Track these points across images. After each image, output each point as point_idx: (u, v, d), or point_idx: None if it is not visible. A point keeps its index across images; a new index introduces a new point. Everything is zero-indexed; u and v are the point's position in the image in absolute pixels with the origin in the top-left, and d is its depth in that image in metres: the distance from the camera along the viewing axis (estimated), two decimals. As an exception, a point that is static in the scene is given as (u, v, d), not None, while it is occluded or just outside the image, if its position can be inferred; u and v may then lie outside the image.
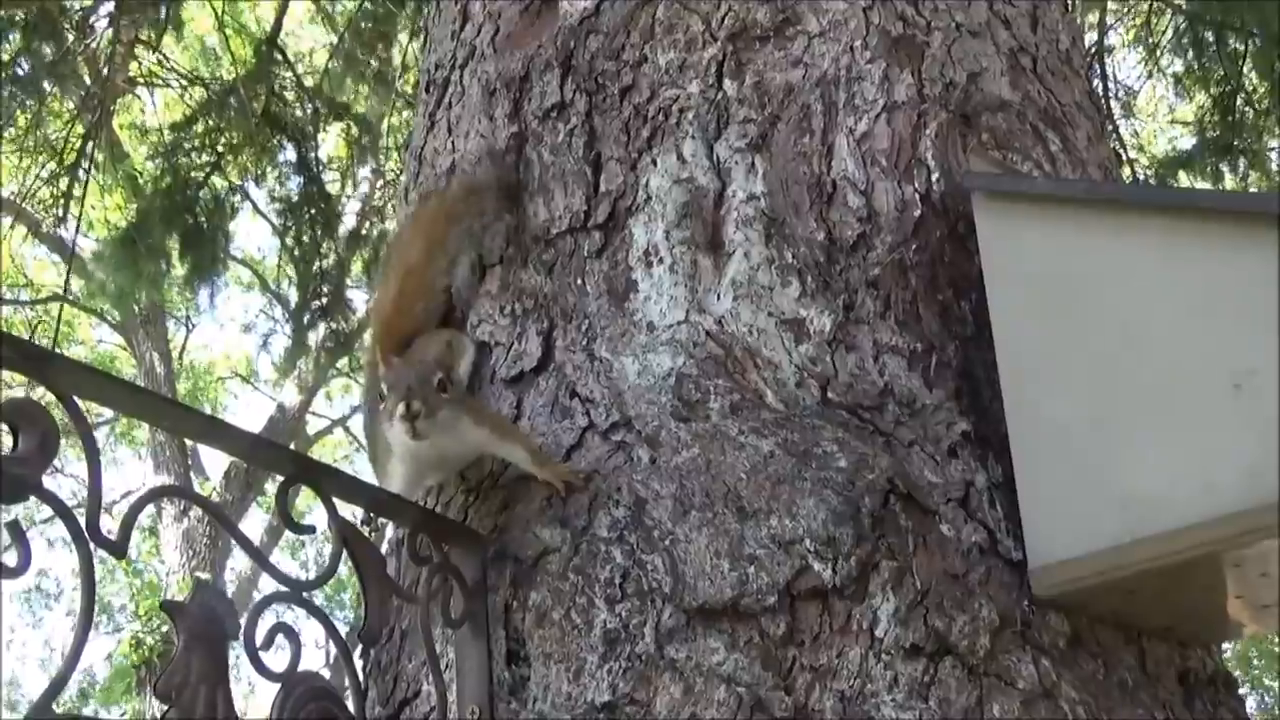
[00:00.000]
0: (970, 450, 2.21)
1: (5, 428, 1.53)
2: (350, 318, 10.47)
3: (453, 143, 2.83)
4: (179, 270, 8.76)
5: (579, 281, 2.46)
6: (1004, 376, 2.21)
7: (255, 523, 17.11)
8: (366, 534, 2.00)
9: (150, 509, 15.71)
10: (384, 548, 2.46)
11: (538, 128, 2.66)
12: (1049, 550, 2.06)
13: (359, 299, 11.06)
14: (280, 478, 1.88)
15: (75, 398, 1.60)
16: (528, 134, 2.67)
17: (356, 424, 19.55)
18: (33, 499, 1.52)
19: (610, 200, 2.51)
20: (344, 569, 1.93)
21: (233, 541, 14.94)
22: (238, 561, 16.45)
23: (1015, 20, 2.79)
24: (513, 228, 2.57)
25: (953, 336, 2.35)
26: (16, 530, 1.50)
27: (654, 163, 2.50)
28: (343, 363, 13.62)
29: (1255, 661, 16.93)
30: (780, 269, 2.35)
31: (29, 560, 1.50)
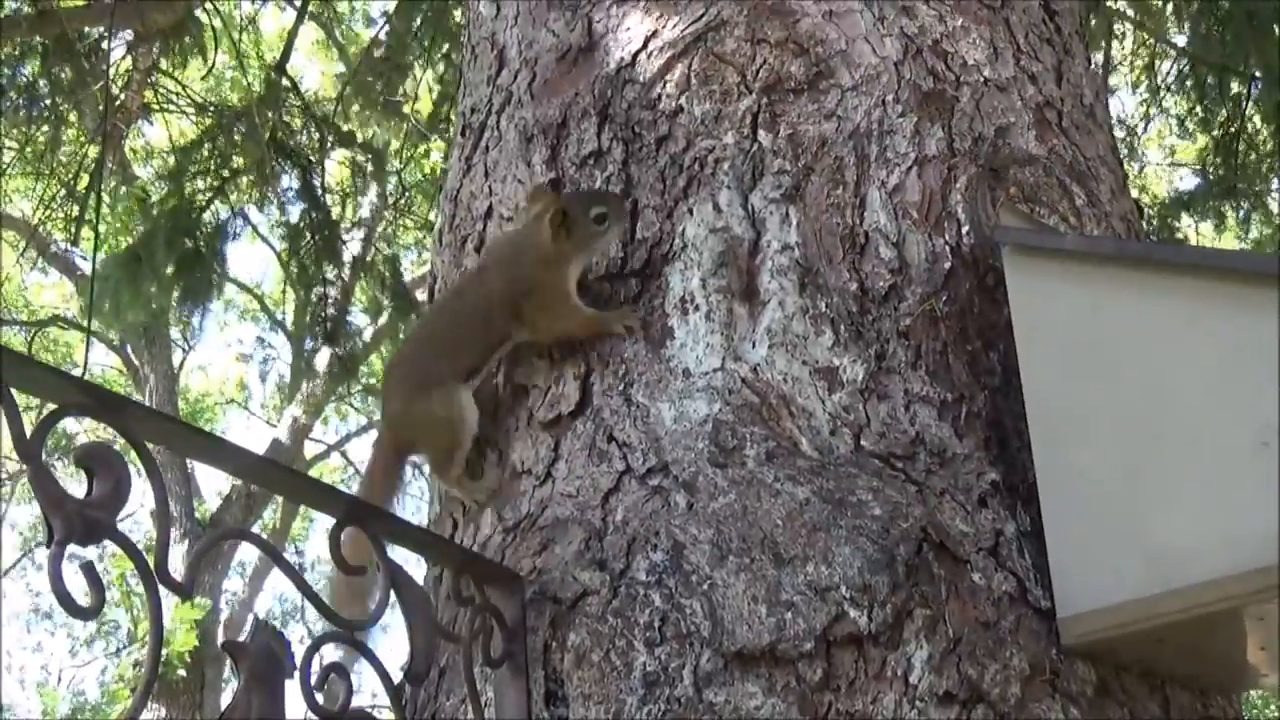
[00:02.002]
0: (1000, 500, 2.26)
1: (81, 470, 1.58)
2: (353, 342, 10.50)
3: (489, 187, 2.89)
4: (175, 292, 8.82)
5: (616, 328, 2.51)
6: (1033, 427, 2.27)
7: (250, 546, 17.11)
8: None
9: (148, 527, 15.74)
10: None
11: (575, 174, 2.72)
12: (1077, 600, 2.11)
13: (363, 324, 11.10)
14: (332, 520, 1.92)
15: (148, 444, 1.65)
16: (565, 180, 2.73)
17: (353, 449, 19.61)
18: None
19: (647, 248, 2.56)
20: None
21: (231, 562, 14.94)
22: (232, 583, 16.47)
23: (1041, 76, 2.86)
24: None
25: (982, 387, 2.40)
26: (91, 574, 1.54)
27: (690, 211, 2.55)
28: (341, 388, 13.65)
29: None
30: (814, 318, 2.41)
31: (103, 601, 1.54)
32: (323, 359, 10.69)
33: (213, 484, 15.86)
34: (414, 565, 2.23)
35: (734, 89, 2.68)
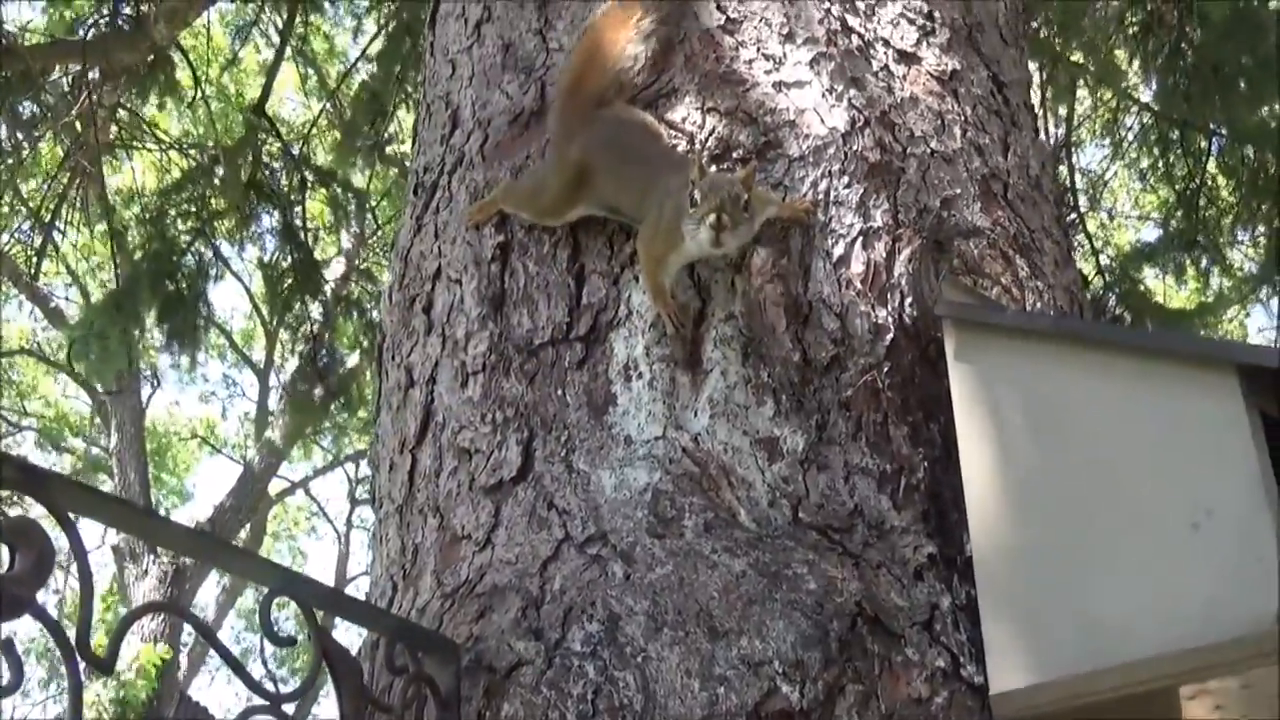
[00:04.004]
0: (936, 573, 2.27)
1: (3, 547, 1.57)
2: (327, 380, 10.45)
3: (439, 247, 2.90)
4: (158, 336, 8.78)
5: (560, 392, 2.52)
6: (970, 501, 2.28)
7: (208, 592, 17.00)
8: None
9: (108, 557, 15.59)
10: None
11: (523, 238, 2.74)
12: (1010, 676, 2.11)
13: (347, 360, 11.04)
14: (264, 589, 1.92)
15: (71, 514, 1.64)
16: (513, 244, 2.74)
17: (317, 486, 19.54)
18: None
19: (592, 313, 2.58)
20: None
21: (192, 601, 14.80)
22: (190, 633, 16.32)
23: (987, 148, 2.89)
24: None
25: (922, 458, 2.41)
26: (9, 649, 1.53)
27: (635, 278, 2.57)
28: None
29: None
30: (756, 388, 2.42)
31: (21, 678, 1.53)
32: (294, 394, 10.62)
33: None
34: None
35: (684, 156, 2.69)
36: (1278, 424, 2.01)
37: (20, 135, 8.53)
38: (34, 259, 9.79)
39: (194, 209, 8.55)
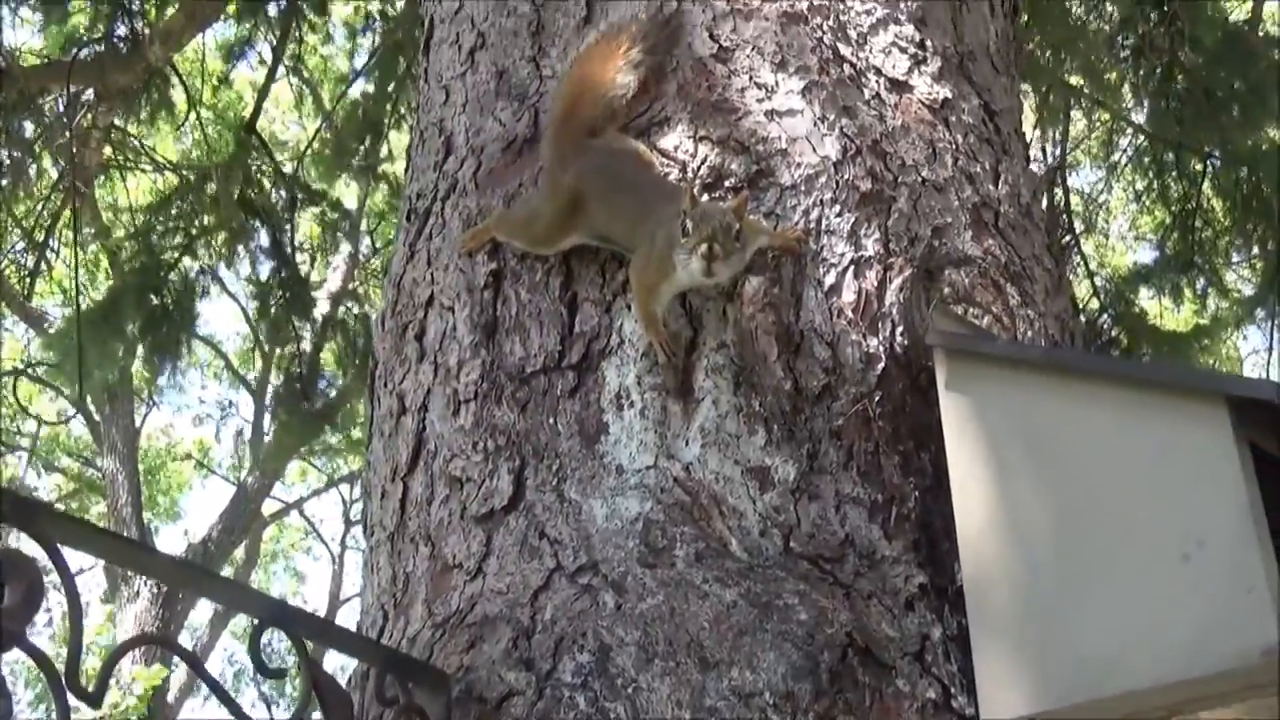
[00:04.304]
0: (927, 603, 2.27)
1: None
2: (317, 401, 10.45)
3: (431, 274, 2.90)
4: (142, 349, 8.78)
5: (551, 421, 2.52)
6: (961, 531, 2.27)
7: (203, 612, 16.95)
8: None
9: (102, 581, 15.54)
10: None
11: (516, 266, 2.74)
12: (1000, 707, 2.10)
13: (335, 381, 11.04)
14: (255, 620, 1.92)
15: (59, 545, 1.64)
16: (506, 272, 2.74)
17: (312, 507, 19.51)
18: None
19: (585, 341, 2.58)
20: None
21: (183, 624, 14.76)
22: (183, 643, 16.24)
23: (978, 176, 2.90)
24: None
25: (913, 488, 2.42)
26: (-2, 683, 1.53)
27: (628, 307, 2.57)
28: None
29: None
30: (747, 417, 2.43)
31: (10, 706, 1.53)
32: (288, 415, 10.61)
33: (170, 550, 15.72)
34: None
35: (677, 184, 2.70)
36: (1268, 455, 2.01)
37: (18, 155, 8.54)
38: (28, 280, 9.78)
39: (181, 225, 8.55)
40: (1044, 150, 10.20)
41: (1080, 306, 8.83)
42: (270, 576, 21.08)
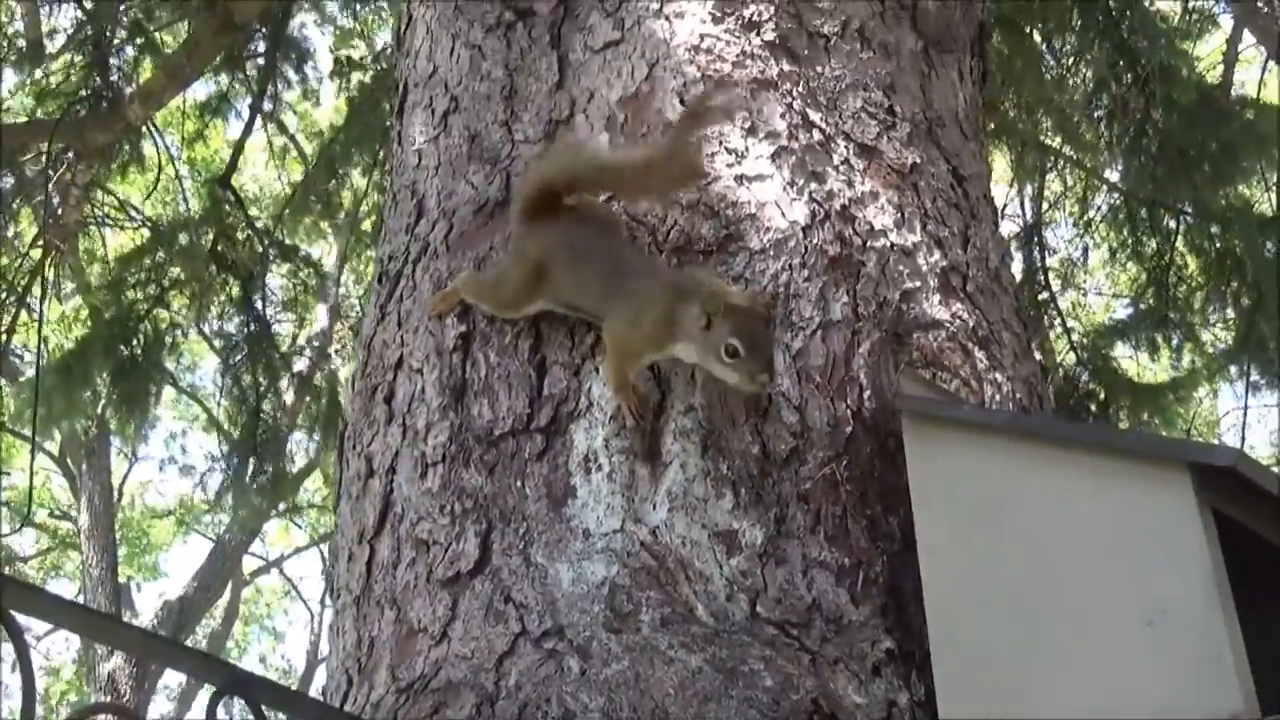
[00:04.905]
0: (894, 668, 2.26)
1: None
2: (291, 461, 10.39)
3: (402, 337, 2.90)
4: (112, 399, 8.74)
5: (519, 483, 2.51)
6: (928, 596, 2.28)
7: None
8: None
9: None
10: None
11: (485, 329, 2.74)
12: (968, 775, 2.10)
13: (300, 444, 10.98)
14: (212, 688, 1.90)
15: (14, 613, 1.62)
16: (475, 334, 2.75)
17: (291, 566, 19.35)
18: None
19: (553, 404, 2.58)
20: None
21: (157, 684, 14.62)
22: (160, 705, 16.14)
23: (947, 240, 2.92)
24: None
25: (880, 552, 2.42)
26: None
27: (597, 370, 2.58)
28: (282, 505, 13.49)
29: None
30: (715, 480, 2.43)
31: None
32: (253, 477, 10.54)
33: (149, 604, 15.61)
34: None
35: (645, 249, 2.71)
36: (1230, 521, 2.02)
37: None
38: (4, 335, 9.74)
39: (152, 276, 8.54)
40: (1022, 207, 10.28)
41: (1058, 360, 8.87)
42: (248, 638, 20.88)
